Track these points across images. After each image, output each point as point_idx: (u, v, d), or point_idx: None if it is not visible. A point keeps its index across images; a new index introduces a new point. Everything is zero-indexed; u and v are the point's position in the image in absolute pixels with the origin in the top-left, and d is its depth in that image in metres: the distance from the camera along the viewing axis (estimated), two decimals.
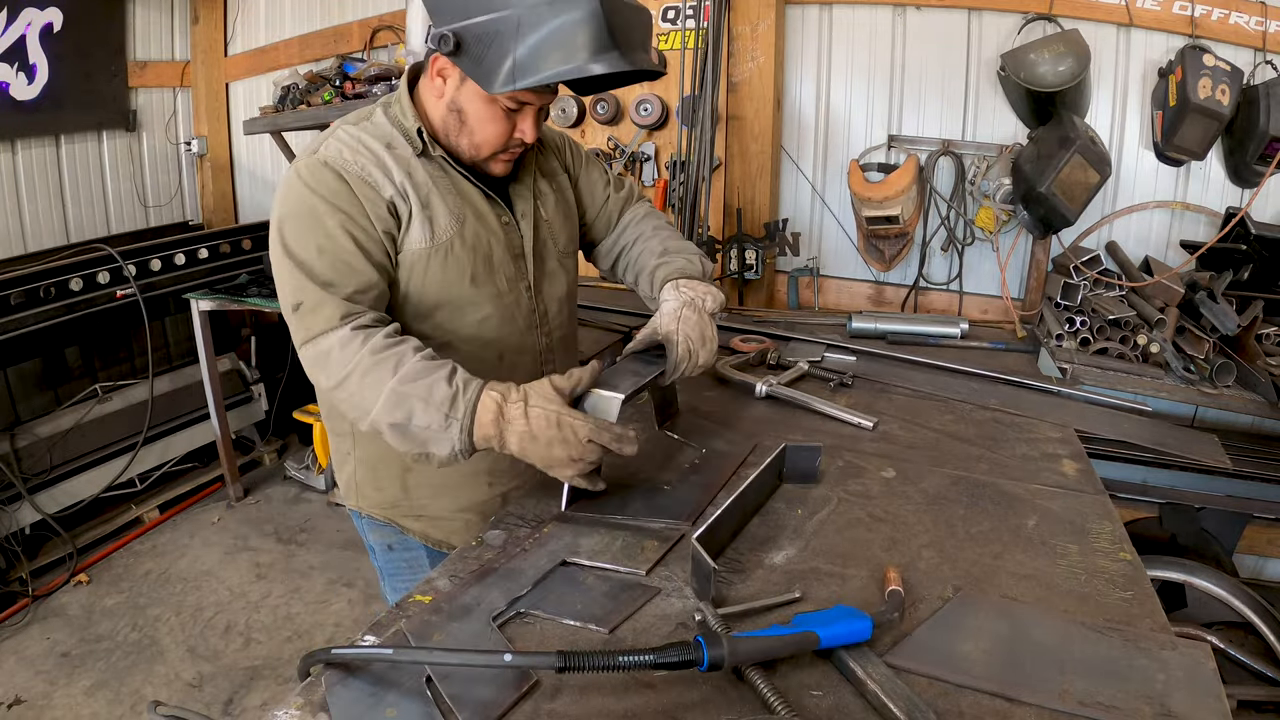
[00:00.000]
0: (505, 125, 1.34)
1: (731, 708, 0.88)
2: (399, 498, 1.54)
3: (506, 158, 1.40)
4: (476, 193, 1.43)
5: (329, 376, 1.25)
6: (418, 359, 1.23)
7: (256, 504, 3.83)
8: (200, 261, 3.72)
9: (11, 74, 3.53)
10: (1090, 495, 1.39)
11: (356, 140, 1.35)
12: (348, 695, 0.90)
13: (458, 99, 1.33)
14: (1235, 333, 2.26)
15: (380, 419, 1.21)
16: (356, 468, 1.56)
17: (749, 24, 2.96)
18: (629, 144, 3.22)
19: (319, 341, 1.26)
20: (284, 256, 1.29)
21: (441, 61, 1.30)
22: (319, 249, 1.28)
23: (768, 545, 1.21)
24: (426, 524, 1.57)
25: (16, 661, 2.72)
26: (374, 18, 3.85)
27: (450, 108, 1.34)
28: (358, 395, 1.23)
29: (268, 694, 2.61)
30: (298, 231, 1.30)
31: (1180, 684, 0.91)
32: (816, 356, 2.07)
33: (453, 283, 1.39)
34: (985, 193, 2.80)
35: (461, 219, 1.39)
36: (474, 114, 1.33)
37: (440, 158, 1.39)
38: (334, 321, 1.25)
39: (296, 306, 1.27)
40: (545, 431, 1.19)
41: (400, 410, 1.19)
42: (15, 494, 3.08)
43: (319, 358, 1.26)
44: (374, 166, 1.33)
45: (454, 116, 1.35)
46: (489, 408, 1.20)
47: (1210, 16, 2.54)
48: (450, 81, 1.32)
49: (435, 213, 1.36)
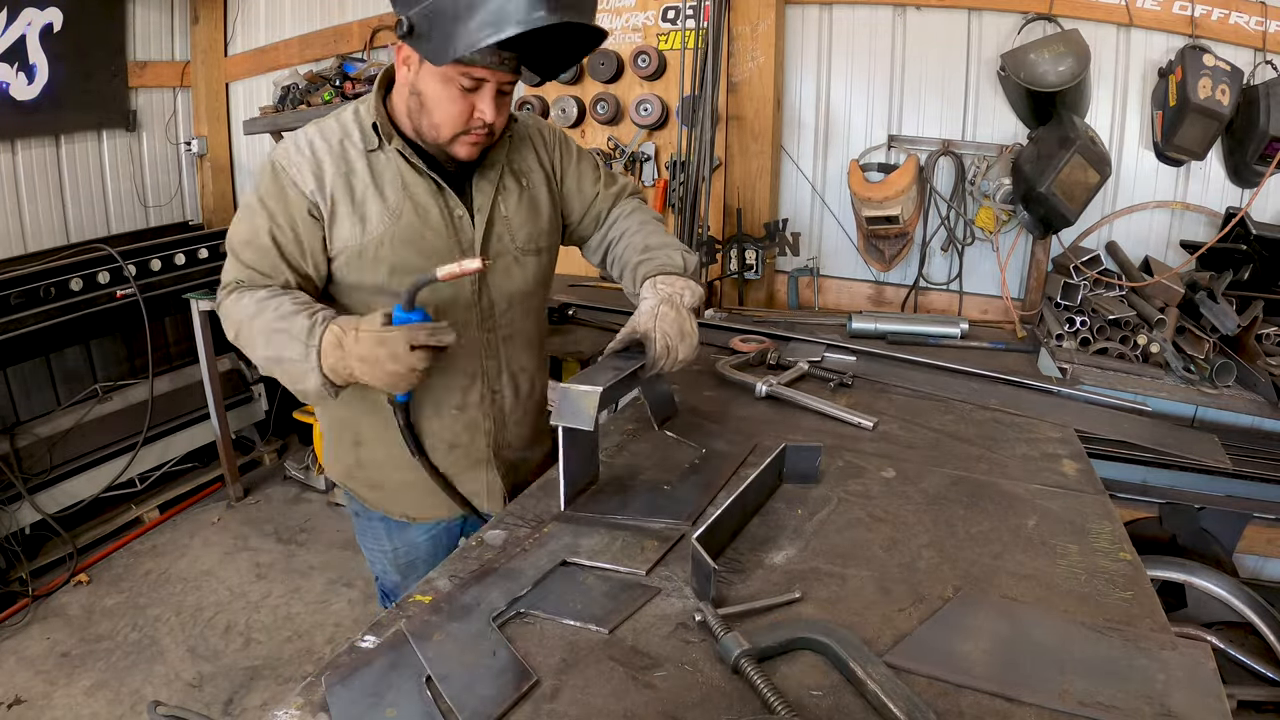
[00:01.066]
0: (463, 104, 1.37)
1: (731, 708, 0.88)
2: (353, 467, 1.65)
3: (470, 139, 1.41)
4: (425, 185, 1.46)
5: (232, 326, 1.41)
6: (292, 302, 1.35)
7: (256, 504, 3.83)
8: (200, 261, 3.72)
9: (11, 74, 3.53)
10: (1090, 495, 1.39)
11: (307, 140, 1.45)
12: (348, 695, 0.91)
13: (417, 82, 1.38)
14: (1235, 333, 2.26)
15: (262, 356, 1.35)
16: (325, 434, 1.70)
17: (749, 24, 2.96)
18: (629, 144, 3.22)
19: (224, 303, 1.43)
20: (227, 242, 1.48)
21: (405, 50, 1.36)
22: (243, 240, 1.44)
23: (768, 545, 1.21)
24: (383, 495, 1.66)
25: (16, 661, 2.72)
26: (374, 18, 3.84)
27: (411, 91, 1.40)
28: (248, 340, 1.37)
29: (268, 694, 2.61)
30: (239, 219, 1.46)
31: (1180, 684, 0.91)
32: (816, 356, 2.08)
33: (387, 272, 1.45)
34: (985, 193, 2.80)
35: (398, 214, 1.44)
36: (431, 94, 1.37)
37: (397, 150, 1.44)
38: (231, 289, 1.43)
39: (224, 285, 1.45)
40: (373, 350, 1.28)
41: (273, 345, 1.32)
42: (15, 494, 3.08)
43: (223, 317, 1.43)
44: (308, 169, 1.42)
45: (415, 100, 1.40)
46: (331, 337, 1.30)
47: (1210, 16, 2.54)
48: (411, 67, 1.38)
49: (368, 210, 1.43)
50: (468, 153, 1.43)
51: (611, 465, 1.49)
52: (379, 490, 1.66)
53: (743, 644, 0.93)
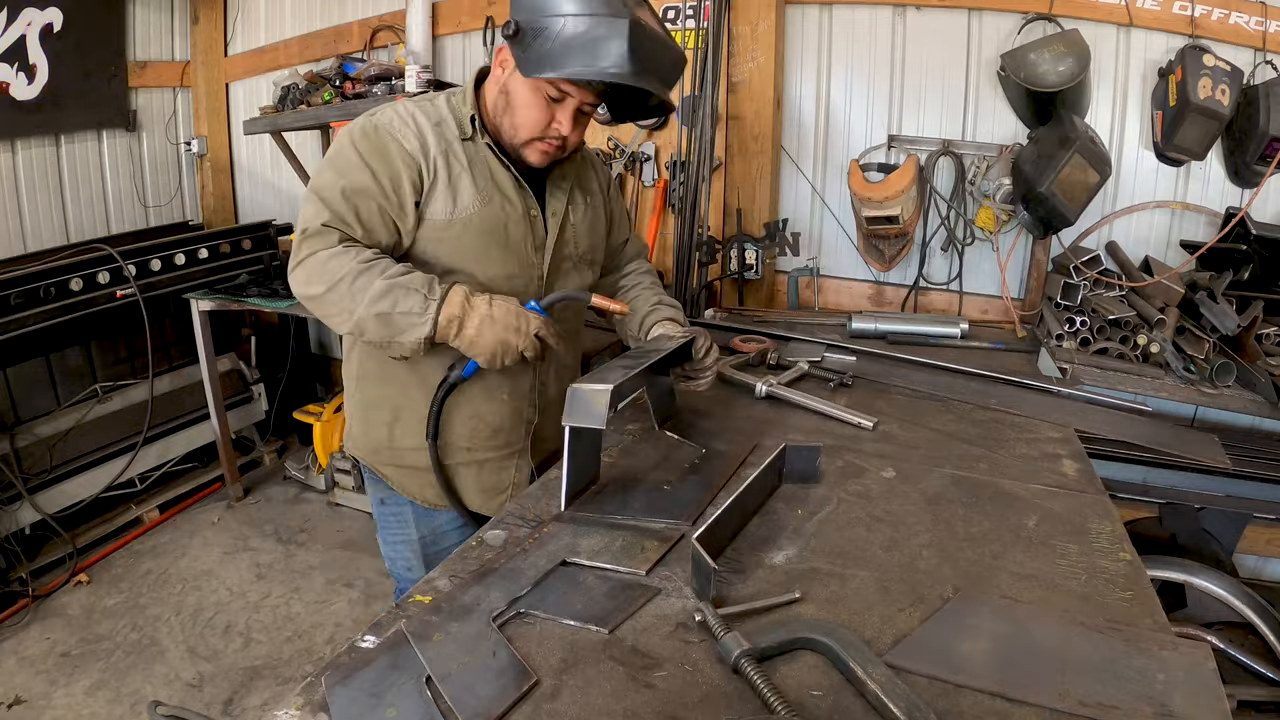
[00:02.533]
0: (545, 113, 1.46)
1: (731, 708, 0.88)
2: (383, 442, 1.67)
3: (543, 147, 1.51)
4: (511, 181, 1.55)
5: (321, 281, 1.41)
6: (398, 264, 1.43)
7: (256, 504, 3.83)
8: (200, 261, 3.71)
9: (11, 74, 3.53)
10: (1090, 495, 1.39)
11: (408, 113, 1.51)
12: (348, 695, 0.90)
13: (509, 83, 1.48)
14: (1235, 333, 2.26)
15: (367, 311, 1.38)
16: (355, 410, 1.71)
17: (749, 24, 2.96)
18: (629, 144, 3.22)
19: (316, 256, 1.42)
20: (312, 192, 1.46)
21: (504, 52, 1.47)
22: (340, 193, 1.43)
23: (768, 545, 1.21)
24: (405, 475, 1.68)
25: (16, 661, 2.72)
26: (374, 18, 3.85)
27: (501, 90, 1.50)
28: (347, 296, 1.39)
29: (268, 694, 2.61)
30: (333, 175, 1.45)
31: (1180, 684, 0.91)
32: (816, 356, 2.08)
33: (465, 255, 1.52)
34: (985, 193, 2.80)
35: (488, 199, 1.52)
36: (519, 96, 1.47)
37: (486, 144, 1.53)
38: (332, 244, 1.42)
39: (304, 230, 1.43)
40: (505, 317, 1.41)
41: (387, 299, 1.37)
42: (15, 494, 3.08)
43: (316, 266, 1.41)
44: (414, 136, 1.48)
45: (503, 98, 1.50)
46: (459, 292, 1.41)
47: (1210, 16, 2.54)
48: (506, 68, 1.49)
49: (461, 189, 1.50)
50: (538, 159, 1.53)
51: (612, 465, 1.49)
52: (406, 472, 1.68)
53: (743, 644, 0.93)
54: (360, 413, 1.70)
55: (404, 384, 1.60)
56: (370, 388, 1.65)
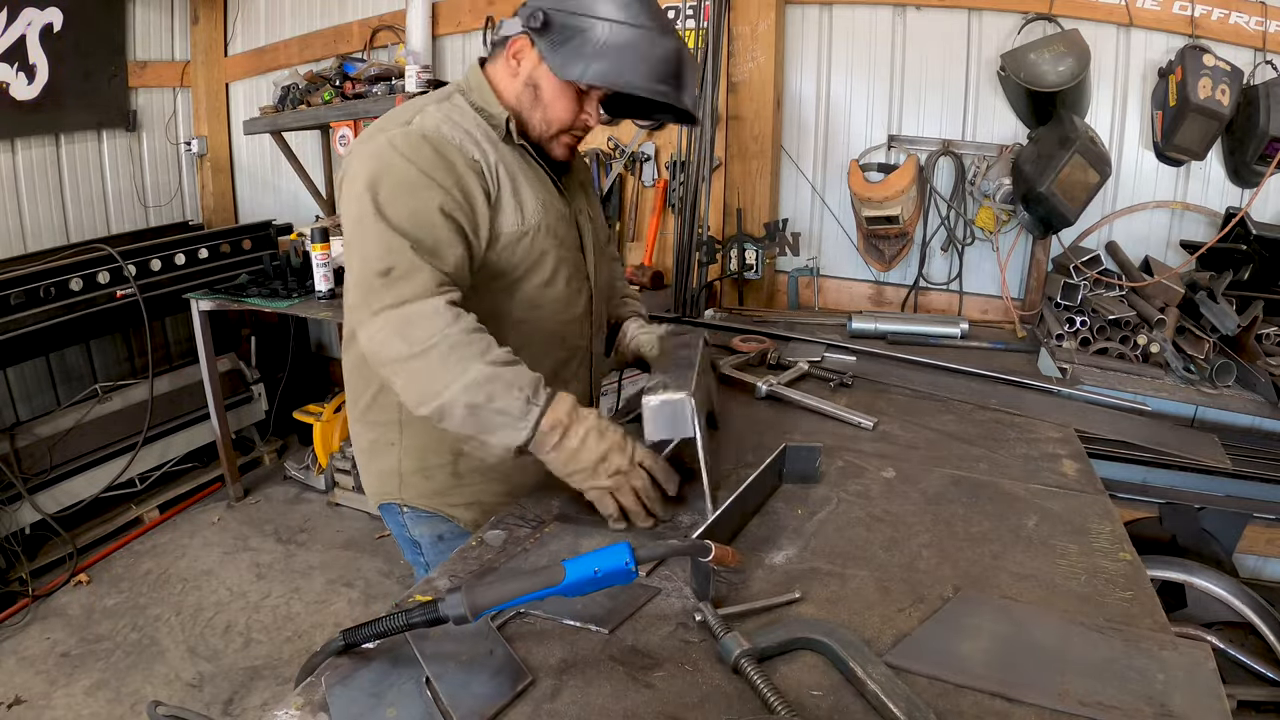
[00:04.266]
0: (576, 105, 1.40)
1: (731, 708, 0.88)
2: (449, 485, 1.52)
3: (569, 140, 1.46)
4: (549, 180, 1.49)
5: (410, 343, 1.22)
6: (504, 349, 1.26)
7: (256, 504, 3.83)
8: (200, 261, 3.72)
9: (11, 74, 3.53)
10: (1090, 495, 1.39)
11: (444, 116, 1.37)
12: (348, 695, 0.91)
13: (535, 75, 1.39)
14: (1235, 333, 2.26)
15: (458, 397, 1.20)
16: (402, 458, 1.52)
17: (749, 24, 2.95)
18: (629, 144, 3.22)
19: (406, 307, 1.23)
20: (376, 219, 1.26)
21: (519, 44, 1.38)
22: (414, 218, 1.27)
23: (768, 545, 1.21)
24: (478, 511, 1.53)
25: (16, 661, 2.72)
26: (374, 18, 3.85)
27: (527, 83, 1.40)
28: (438, 368, 1.21)
29: (268, 694, 2.61)
30: (394, 196, 1.27)
31: (1180, 684, 0.90)
32: (816, 356, 2.08)
33: (535, 266, 1.43)
34: (985, 193, 2.80)
35: (546, 205, 1.44)
36: (550, 89, 1.38)
37: (521, 145, 1.44)
38: (429, 289, 1.24)
39: (387, 271, 1.24)
40: (611, 435, 1.26)
41: (484, 390, 1.21)
42: (15, 494, 3.08)
43: (403, 322, 1.22)
44: (470, 143, 1.35)
45: (529, 92, 1.40)
46: (565, 399, 1.27)
47: (1210, 16, 2.53)
48: (527, 60, 1.39)
49: (524, 196, 1.41)
50: (564, 152, 1.48)
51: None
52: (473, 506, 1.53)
53: (743, 644, 0.92)
54: (415, 461, 1.51)
55: None
56: (421, 433, 1.47)
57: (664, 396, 1.26)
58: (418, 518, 1.56)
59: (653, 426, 1.26)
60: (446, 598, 0.91)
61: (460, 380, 1.20)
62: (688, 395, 1.26)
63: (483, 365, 1.21)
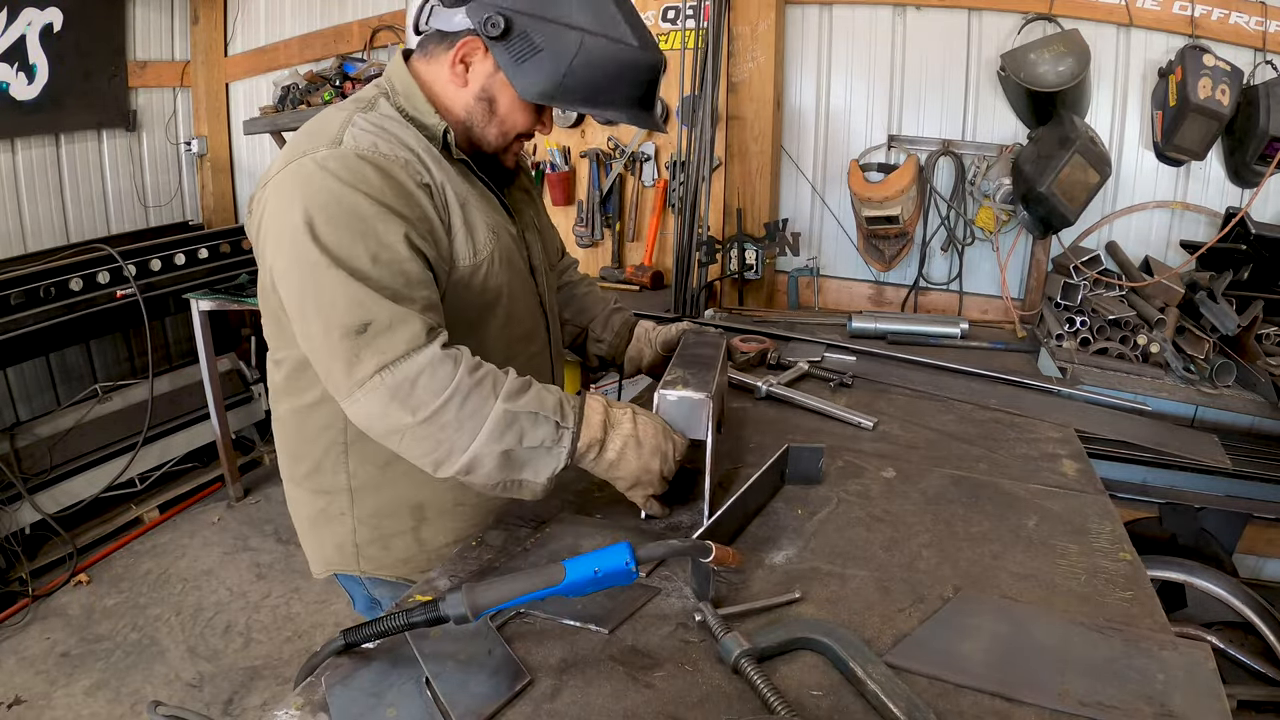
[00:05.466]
0: (535, 115, 1.26)
1: (731, 707, 0.88)
2: (413, 553, 1.35)
3: (518, 147, 1.32)
4: (492, 198, 1.31)
5: (416, 409, 1.05)
6: (511, 376, 1.12)
7: (256, 504, 3.83)
8: (200, 261, 3.72)
9: (11, 74, 3.53)
10: (1090, 495, 1.39)
11: (383, 132, 1.16)
12: (348, 695, 0.90)
13: (491, 87, 1.21)
14: (1235, 333, 2.26)
15: (487, 449, 1.07)
16: (356, 528, 1.34)
17: (749, 24, 2.96)
18: (629, 144, 3.22)
19: (399, 367, 1.05)
20: (330, 266, 1.05)
21: (468, 48, 1.19)
22: (373, 257, 1.07)
23: (768, 545, 1.21)
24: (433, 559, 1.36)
25: (16, 661, 2.72)
26: (374, 18, 3.85)
27: (480, 96, 1.22)
28: (454, 426, 1.06)
29: (268, 694, 2.61)
30: (344, 235, 1.06)
31: (1180, 684, 0.90)
32: (816, 356, 2.07)
33: (490, 304, 1.26)
34: (985, 193, 2.80)
35: (496, 228, 1.26)
36: (508, 103, 1.22)
37: (462, 161, 1.25)
38: (419, 339, 1.06)
39: (363, 328, 1.04)
40: (652, 439, 1.17)
41: (511, 432, 1.08)
42: (15, 494, 3.08)
43: (400, 387, 1.05)
44: (416, 162, 1.16)
45: (483, 105, 1.23)
46: (596, 408, 1.16)
47: (1210, 16, 2.54)
48: (480, 68, 1.20)
49: (474, 222, 1.22)
50: (513, 160, 1.34)
51: None
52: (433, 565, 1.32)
53: (743, 644, 0.92)
54: (371, 532, 1.34)
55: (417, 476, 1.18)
56: (373, 498, 1.31)
57: (683, 393, 1.24)
58: (379, 583, 1.41)
59: (665, 421, 1.25)
60: (447, 597, 0.90)
61: (484, 429, 1.07)
62: (707, 396, 1.24)
63: (501, 405, 1.08)
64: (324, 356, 1.10)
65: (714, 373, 1.34)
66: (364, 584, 1.43)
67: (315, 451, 1.31)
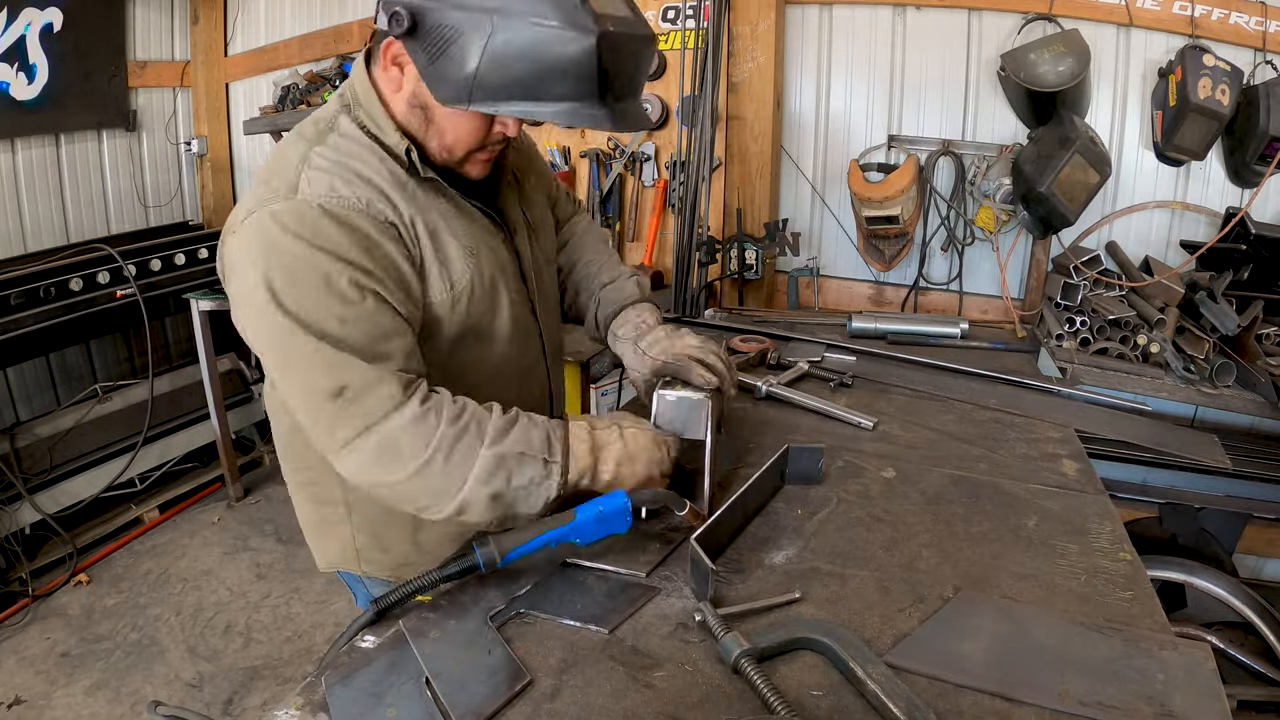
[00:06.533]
0: (483, 121, 1.12)
1: (731, 708, 0.88)
2: (410, 555, 1.35)
3: (485, 156, 1.18)
4: (470, 211, 1.22)
5: (399, 467, 1.05)
6: (494, 416, 1.10)
7: (256, 504, 3.83)
8: (200, 261, 3.72)
9: (11, 74, 3.53)
10: (1090, 495, 1.39)
11: (342, 169, 1.09)
12: (348, 695, 0.91)
13: (420, 92, 1.09)
14: (1235, 333, 2.26)
15: (476, 493, 1.07)
16: (355, 535, 1.37)
17: (749, 24, 2.96)
18: (629, 144, 3.22)
19: (380, 428, 1.04)
20: (296, 331, 1.02)
21: (397, 47, 1.07)
22: (340, 319, 1.03)
23: (768, 545, 1.21)
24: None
25: (16, 661, 2.72)
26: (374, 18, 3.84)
27: (412, 103, 1.11)
28: (440, 477, 1.06)
29: (268, 694, 2.61)
30: (307, 297, 1.02)
31: (1180, 684, 0.90)
32: (816, 356, 2.07)
33: (472, 326, 1.22)
34: (985, 193, 2.80)
35: (475, 252, 1.19)
36: (443, 111, 1.09)
37: (432, 179, 1.16)
38: (397, 398, 1.04)
39: (339, 391, 1.03)
40: (644, 451, 1.17)
41: (499, 475, 1.07)
42: (15, 494, 3.08)
43: (383, 449, 1.04)
44: (379, 199, 1.09)
45: (417, 114, 1.12)
46: (581, 437, 1.13)
47: (1210, 16, 2.54)
48: (409, 70, 1.09)
49: (449, 253, 1.16)
50: (481, 171, 1.20)
51: None
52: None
53: (743, 644, 0.92)
54: (370, 538, 1.36)
55: None
56: (371, 506, 1.31)
57: (682, 393, 1.24)
58: (380, 583, 1.42)
59: (663, 420, 1.25)
60: (475, 548, 1.02)
61: (471, 476, 1.06)
62: (706, 396, 1.24)
63: (485, 451, 1.06)
64: (305, 416, 1.09)
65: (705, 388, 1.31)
66: (365, 583, 1.46)
67: (312, 463, 1.30)
